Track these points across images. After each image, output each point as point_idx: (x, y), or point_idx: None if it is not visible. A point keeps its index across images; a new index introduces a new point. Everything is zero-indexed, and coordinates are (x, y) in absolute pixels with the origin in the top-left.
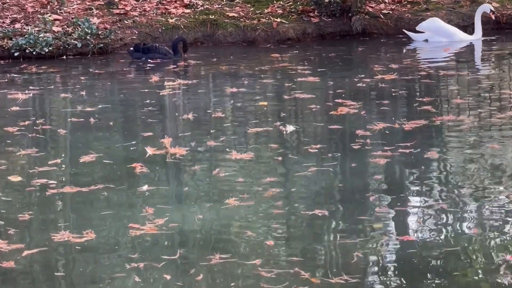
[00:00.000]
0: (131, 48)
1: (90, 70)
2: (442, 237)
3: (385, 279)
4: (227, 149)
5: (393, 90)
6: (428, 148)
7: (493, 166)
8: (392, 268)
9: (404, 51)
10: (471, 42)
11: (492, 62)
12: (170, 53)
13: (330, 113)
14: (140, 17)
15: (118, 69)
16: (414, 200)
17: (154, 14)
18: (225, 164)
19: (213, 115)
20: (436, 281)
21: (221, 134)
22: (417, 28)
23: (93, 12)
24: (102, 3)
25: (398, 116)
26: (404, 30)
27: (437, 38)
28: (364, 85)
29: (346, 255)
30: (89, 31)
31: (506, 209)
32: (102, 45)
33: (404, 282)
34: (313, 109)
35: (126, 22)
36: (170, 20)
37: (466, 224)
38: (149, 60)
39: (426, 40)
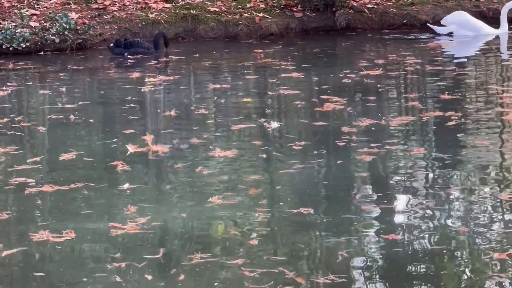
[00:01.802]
0: (112, 45)
1: (69, 66)
2: (429, 235)
3: (371, 278)
4: (210, 146)
5: (379, 86)
6: (415, 145)
7: (481, 163)
8: (378, 267)
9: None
10: (497, 36)
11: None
12: (152, 48)
13: (315, 109)
14: (120, 12)
15: (97, 65)
16: (400, 198)
17: (134, 9)
18: (208, 162)
19: (195, 112)
20: (422, 280)
21: (204, 131)
22: (442, 22)
23: (71, 6)
24: None
25: (385, 113)
26: (428, 24)
27: (463, 31)
28: (349, 81)
29: (331, 254)
30: (67, 26)
31: (494, 207)
32: (80, 40)
33: (391, 281)
34: (298, 106)
35: (105, 17)
36: (150, 15)
37: (453, 222)
38: (130, 56)
39: (451, 34)
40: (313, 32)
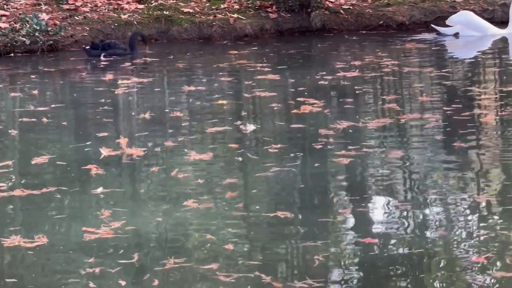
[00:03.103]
0: (88, 47)
1: (40, 68)
2: (406, 239)
3: (348, 282)
4: (186, 149)
5: (356, 87)
6: (393, 147)
7: (459, 166)
8: (355, 271)
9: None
10: (504, 36)
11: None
12: (128, 50)
13: (292, 111)
14: (91, 13)
15: (69, 67)
16: (378, 201)
17: (106, 10)
18: (183, 165)
19: (170, 114)
20: (400, 284)
21: (179, 134)
22: (447, 22)
23: (41, 7)
24: None
25: (362, 115)
26: (432, 25)
27: (469, 32)
28: (326, 82)
29: (309, 258)
30: (38, 28)
31: (472, 209)
32: (51, 42)
33: (368, 285)
34: (274, 108)
35: (77, 18)
36: (123, 16)
37: (431, 225)
38: (107, 56)
39: (457, 34)
40: (288, 33)
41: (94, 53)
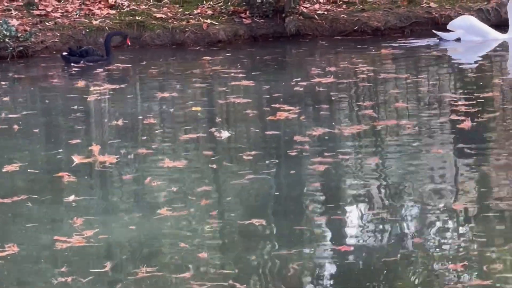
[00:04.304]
0: (65, 53)
1: (10, 74)
2: (382, 246)
3: None
4: (159, 157)
5: (331, 94)
6: (369, 154)
7: (434, 172)
8: (330, 279)
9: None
10: (505, 41)
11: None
12: (105, 56)
13: (267, 118)
14: (62, 19)
15: (40, 74)
16: (353, 209)
17: (77, 16)
18: (157, 173)
19: (144, 121)
20: None
21: (152, 141)
22: (448, 27)
23: (11, 13)
24: (21, 3)
25: (338, 121)
26: (434, 31)
27: (470, 37)
28: (301, 89)
29: (283, 266)
30: (8, 33)
31: (448, 217)
32: (22, 48)
33: None
34: (249, 114)
35: (48, 24)
36: (94, 22)
37: (407, 233)
38: (84, 63)
39: (459, 39)
40: (262, 39)
41: (72, 59)
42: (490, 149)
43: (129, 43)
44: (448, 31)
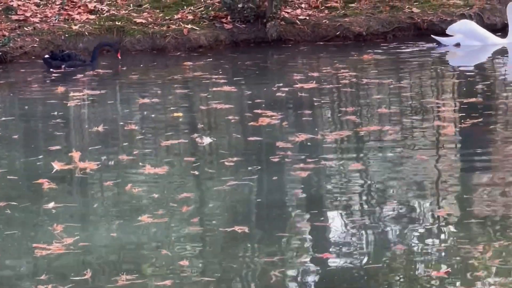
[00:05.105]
0: (46, 56)
1: None
2: (365, 253)
3: None
4: (140, 163)
5: (314, 99)
6: (352, 160)
7: (418, 179)
8: (312, 286)
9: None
10: (504, 46)
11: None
12: (88, 61)
13: (249, 124)
14: (41, 24)
15: (20, 79)
16: (336, 216)
17: (56, 21)
18: (138, 179)
19: (124, 127)
20: None
21: (133, 147)
22: (447, 31)
23: None
24: (0, 8)
25: (320, 127)
26: (432, 36)
27: (469, 41)
28: (283, 94)
29: (265, 274)
30: None
31: (431, 224)
32: (0, 53)
33: None
34: (231, 120)
35: (26, 29)
36: (74, 27)
37: (390, 239)
38: (66, 68)
39: (458, 44)
40: (244, 44)
41: (54, 64)
42: (473, 155)
43: (120, 57)
44: (447, 35)
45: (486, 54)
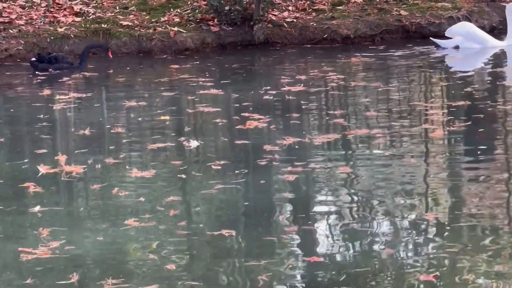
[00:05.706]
0: (33, 59)
1: None
2: (353, 257)
3: None
4: (127, 167)
5: (302, 102)
6: (340, 164)
7: (407, 182)
8: None
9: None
10: (503, 49)
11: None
12: (75, 63)
13: (236, 127)
14: (27, 26)
15: (5, 82)
16: (324, 219)
17: (42, 23)
18: (124, 182)
19: (111, 131)
20: None
21: (120, 150)
22: (446, 34)
23: None
24: None
25: (308, 130)
26: (431, 38)
27: (469, 44)
28: (270, 97)
29: (253, 278)
30: None
31: (420, 227)
32: None
33: None
34: (218, 123)
35: (11, 31)
36: (59, 29)
37: (378, 243)
38: (52, 70)
39: (457, 47)
40: (231, 47)
41: (41, 66)
42: (462, 158)
43: (111, 56)
44: (446, 38)
45: (485, 56)
